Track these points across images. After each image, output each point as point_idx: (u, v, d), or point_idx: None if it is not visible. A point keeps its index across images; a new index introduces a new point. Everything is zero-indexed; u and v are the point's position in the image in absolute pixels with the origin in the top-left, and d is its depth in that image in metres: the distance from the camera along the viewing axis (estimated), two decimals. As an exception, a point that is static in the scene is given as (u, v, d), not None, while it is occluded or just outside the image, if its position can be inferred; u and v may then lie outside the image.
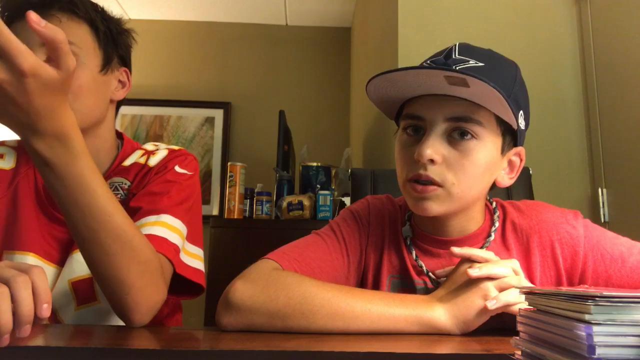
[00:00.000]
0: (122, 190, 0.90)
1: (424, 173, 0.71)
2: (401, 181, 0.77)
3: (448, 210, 0.74)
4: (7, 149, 0.92)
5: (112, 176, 0.91)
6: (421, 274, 0.79)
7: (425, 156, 0.70)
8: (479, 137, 0.72)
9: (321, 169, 2.27)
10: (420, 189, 0.72)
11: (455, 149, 0.72)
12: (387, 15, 2.03)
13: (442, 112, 0.72)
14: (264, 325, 0.66)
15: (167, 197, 0.87)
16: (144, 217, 0.83)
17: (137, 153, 0.96)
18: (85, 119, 0.85)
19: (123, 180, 0.91)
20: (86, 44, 0.86)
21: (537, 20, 1.84)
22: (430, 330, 0.65)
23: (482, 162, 0.73)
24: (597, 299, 0.37)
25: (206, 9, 3.35)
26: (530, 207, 0.82)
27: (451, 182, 0.72)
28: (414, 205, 0.75)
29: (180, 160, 0.94)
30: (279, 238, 0.88)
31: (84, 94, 0.84)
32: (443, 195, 0.72)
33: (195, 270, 0.88)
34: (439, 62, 0.74)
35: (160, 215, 0.84)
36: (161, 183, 0.89)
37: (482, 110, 0.71)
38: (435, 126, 0.72)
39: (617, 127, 1.61)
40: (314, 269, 0.76)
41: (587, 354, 0.36)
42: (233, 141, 3.36)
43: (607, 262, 0.75)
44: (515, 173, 0.80)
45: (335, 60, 3.50)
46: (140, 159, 0.94)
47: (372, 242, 0.84)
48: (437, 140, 0.71)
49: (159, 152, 0.95)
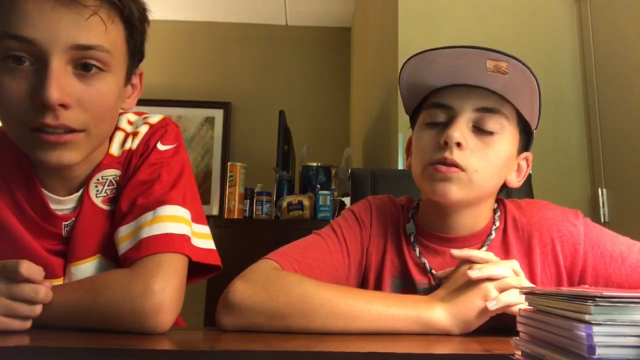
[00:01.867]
0: (116, 183, 0.79)
1: (449, 157, 0.72)
2: (420, 167, 0.77)
3: (466, 197, 0.75)
4: None
5: (103, 169, 0.79)
6: (424, 273, 0.79)
7: (454, 138, 0.71)
8: (502, 131, 0.74)
9: (321, 169, 2.27)
10: (444, 169, 0.73)
11: (480, 140, 0.74)
12: (387, 15, 2.03)
13: (471, 102, 0.74)
14: (263, 325, 0.66)
15: (159, 183, 0.76)
16: (140, 216, 0.74)
17: (118, 136, 0.81)
18: (97, 143, 0.73)
19: (116, 173, 0.79)
20: (119, 50, 0.70)
21: (537, 20, 1.84)
22: (430, 330, 0.65)
23: (503, 154, 0.75)
24: (597, 299, 0.37)
25: (206, 9, 3.35)
26: (531, 205, 0.83)
27: (474, 169, 0.73)
28: (433, 189, 0.75)
29: (161, 134, 0.81)
30: (279, 238, 0.88)
31: (107, 115, 0.71)
32: (465, 180, 0.73)
33: (209, 252, 0.80)
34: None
35: (157, 209, 0.74)
36: (148, 168, 0.78)
37: (508, 105, 0.75)
38: (463, 115, 0.74)
39: (617, 127, 1.61)
40: (314, 269, 0.76)
41: (587, 354, 0.36)
42: (233, 141, 3.36)
43: (607, 261, 0.75)
44: (523, 177, 0.82)
45: (335, 60, 3.50)
46: (125, 145, 0.80)
47: (374, 243, 0.84)
48: (464, 127, 0.73)
49: (139, 131, 0.81)
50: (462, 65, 0.72)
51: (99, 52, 0.65)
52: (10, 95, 0.63)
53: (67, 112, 0.65)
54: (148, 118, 0.84)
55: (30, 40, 0.62)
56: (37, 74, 0.63)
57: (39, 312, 0.64)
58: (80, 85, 0.66)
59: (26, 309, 0.63)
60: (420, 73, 0.76)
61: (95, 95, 0.67)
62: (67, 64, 0.64)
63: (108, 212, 0.78)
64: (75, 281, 0.73)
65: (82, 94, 0.66)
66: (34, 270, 0.63)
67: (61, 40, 0.63)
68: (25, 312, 0.63)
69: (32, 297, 0.63)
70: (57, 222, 0.76)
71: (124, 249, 0.73)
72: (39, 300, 0.64)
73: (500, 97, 0.74)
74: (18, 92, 0.63)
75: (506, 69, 0.69)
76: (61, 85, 0.63)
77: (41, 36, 0.62)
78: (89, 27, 0.64)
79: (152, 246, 0.71)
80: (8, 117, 0.66)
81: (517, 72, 0.69)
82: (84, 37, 0.64)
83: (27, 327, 0.64)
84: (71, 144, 0.67)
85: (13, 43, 0.62)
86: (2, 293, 0.62)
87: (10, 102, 0.64)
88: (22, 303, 0.63)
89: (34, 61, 0.63)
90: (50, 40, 0.62)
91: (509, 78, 0.70)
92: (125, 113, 0.84)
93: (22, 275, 0.62)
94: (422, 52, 0.73)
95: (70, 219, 0.77)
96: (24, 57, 0.63)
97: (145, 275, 0.69)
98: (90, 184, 0.77)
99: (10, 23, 0.62)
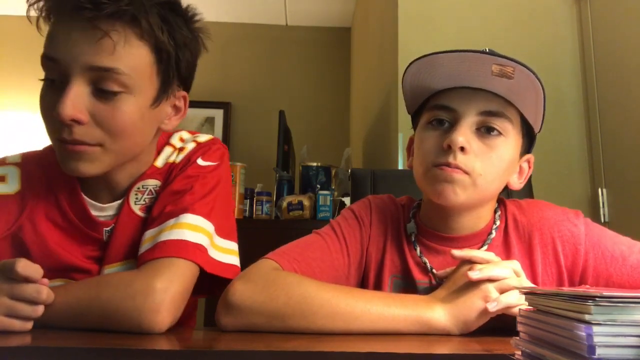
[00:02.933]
0: (155, 193, 0.82)
1: (453, 161, 0.72)
2: (423, 169, 0.76)
3: (468, 199, 0.74)
4: (9, 169, 0.80)
5: (146, 178, 0.82)
6: (425, 272, 0.79)
7: (458, 143, 0.71)
8: (506, 135, 0.74)
9: (321, 169, 2.27)
10: (448, 170, 0.72)
11: (484, 143, 0.74)
12: (387, 15, 2.03)
13: (476, 106, 0.74)
14: (263, 326, 0.66)
15: (190, 194, 0.78)
16: (164, 222, 0.76)
17: (166, 151, 0.85)
18: (122, 158, 0.76)
19: (157, 183, 0.83)
20: (142, 72, 0.71)
21: (537, 20, 1.84)
22: (430, 330, 0.65)
23: (506, 157, 0.75)
24: (597, 299, 0.37)
25: (206, 9, 3.31)
26: (532, 205, 0.83)
27: (478, 172, 0.73)
28: (436, 190, 0.74)
29: (204, 151, 0.85)
30: (279, 238, 0.88)
31: (126, 133, 0.72)
32: (468, 183, 0.73)
33: (227, 266, 0.79)
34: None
35: (180, 216, 0.76)
36: (183, 179, 0.81)
37: (512, 108, 0.74)
38: (467, 118, 0.73)
39: (617, 127, 1.61)
40: (314, 269, 0.76)
41: (587, 354, 0.36)
42: (233, 141, 3.36)
43: (607, 261, 0.75)
44: (524, 179, 0.82)
45: (335, 60, 3.50)
46: (170, 158, 0.85)
47: (374, 242, 0.84)
48: (468, 130, 0.73)
49: (186, 147, 0.85)
50: (466, 69, 0.71)
51: (115, 75, 0.69)
52: (46, 109, 0.70)
53: (81, 127, 0.69)
54: (198, 137, 0.88)
55: (56, 59, 0.68)
56: (60, 91, 0.68)
57: (40, 313, 0.64)
58: (98, 103, 0.69)
59: (28, 309, 0.63)
60: (424, 75, 0.75)
61: (111, 113, 0.70)
62: (88, 84, 0.69)
63: (143, 219, 0.81)
64: (82, 280, 0.73)
65: (99, 112, 0.69)
66: (31, 269, 0.63)
67: (80, 61, 0.67)
68: (27, 312, 0.63)
69: (34, 297, 0.63)
70: (98, 227, 0.80)
71: (142, 251, 0.75)
72: (41, 301, 0.64)
73: (504, 101, 0.74)
74: (49, 107, 0.69)
75: (512, 73, 0.69)
76: (75, 103, 0.67)
77: (64, 57, 0.68)
78: (105, 50, 0.68)
79: (165, 249, 0.72)
80: (47, 130, 0.72)
81: (522, 76, 0.69)
82: (99, 60, 0.68)
83: (28, 328, 0.64)
84: (87, 155, 0.71)
85: (49, 63, 0.69)
86: (4, 292, 0.62)
87: (46, 116, 0.71)
88: (24, 303, 0.63)
89: (62, 80, 0.69)
90: (71, 60, 0.67)
91: (514, 82, 0.70)
92: (179, 131, 0.89)
93: (19, 274, 0.62)
94: (426, 55, 0.73)
95: (110, 225, 0.80)
96: (54, 78, 0.69)
97: (150, 274, 0.69)
98: (131, 192, 0.81)
99: (46, 45, 0.70)
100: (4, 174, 0.80)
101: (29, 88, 3.33)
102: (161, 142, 0.86)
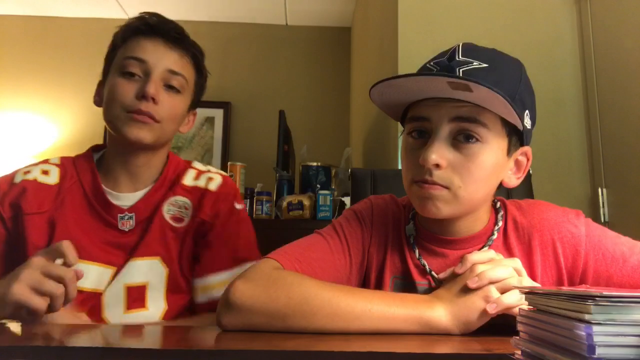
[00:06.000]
0: (184, 209, 1.01)
1: (429, 178, 0.71)
2: (407, 183, 0.77)
3: (454, 212, 0.74)
4: (51, 166, 1.02)
5: (176, 194, 1.01)
6: (424, 274, 0.79)
7: (431, 161, 0.70)
8: (483, 140, 0.71)
9: (321, 169, 2.27)
10: (426, 186, 0.72)
11: (461, 153, 0.72)
12: (387, 15, 2.03)
13: (447, 113, 0.72)
14: (264, 326, 0.66)
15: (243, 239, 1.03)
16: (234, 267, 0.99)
17: (191, 173, 1.06)
18: (163, 137, 1.00)
19: (186, 201, 1.01)
20: (191, 84, 1.03)
21: (537, 20, 1.84)
22: (430, 330, 0.65)
23: (487, 165, 0.72)
24: (597, 298, 0.37)
25: (206, 9, 3.35)
26: (532, 206, 0.82)
27: (457, 185, 0.71)
28: (420, 206, 0.74)
29: (233, 194, 1.06)
30: (279, 238, 0.88)
31: (175, 120, 1.00)
32: (449, 197, 0.72)
33: None
34: (442, 64, 0.73)
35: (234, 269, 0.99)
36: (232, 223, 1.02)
37: (487, 111, 0.71)
38: (440, 129, 0.72)
39: (617, 127, 1.61)
40: (315, 268, 0.76)
41: (587, 354, 0.36)
42: (233, 141, 3.36)
43: (608, 262, 0.74)
44: (523, 172, 0.80)
45: (335, 60, 3.49)
46: (198, 182, 1.04)
47: (375, 242, 0.84)
48: (442, 144, 0.71)
49: (213, 177, 1.05)
50: (425, 85, 0.70)
51: (179, 77, 0.99)
52: (123, 91, 0.95)
53: (155, 105, 0.95)
54: (212, 168, 1.10)
55: (144, 60, 0.96)
56: (144, 82, 0.95)
57: (61, 292, 0.72)
58: (165, 94, 0.98)
59: (52, 286, 0.72)
60: (389, 95, 0.75)
61: (172, 102, 0.98)
62: (161, 80, 0.97)
63: (172, 227, 0.99)
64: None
65: (163, 99, 0.97)
66: (69, 250, 0.75)
67: (160, 64, 0.97)
68: (52, 288, 0.72)
69: (60, 275, 0.72)
70: (112, 210, 0.97)
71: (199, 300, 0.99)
72: (66, 280, 0.73)
73: (477, 106, 0.71)
74: (127, 89, 0.95)
75: (471, 87, 0.66)
76: (156, 88, 0.96)
77: (150, 59, 0.96)
78: (177, 62, 0.99)
79: None
80: (113, 104, 0.95)
81: (481, 89, 0.66)
82: (175, 67, 0.99)
83: (43, 307, 0.71)
84: (150, 127, 0.95)
85: (132, 62, 0.96)
86: (39, 267, 0.72)
87: (122, 95, 0.95)
88: (51, 280, 0.72)
89: (142, 76, 0.96)
90: (155, 63, 0.96)
91: (475, 94, 0.68)
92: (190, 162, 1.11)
93: (60, 248, 0.74)
94: (381, 81, 0.71)
95: (124, 212, 0.97)
96: (136, 73, 0.96)
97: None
98: (166, 202, 1.00)
99: (134, 50, 0.97)
100: (48, 169, 1.01)
101: (28, 88, 3.33)
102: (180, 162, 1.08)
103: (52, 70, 3.33)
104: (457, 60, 0.72)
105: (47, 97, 3.31)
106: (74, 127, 3.24)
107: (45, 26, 3.40)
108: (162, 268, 0.97)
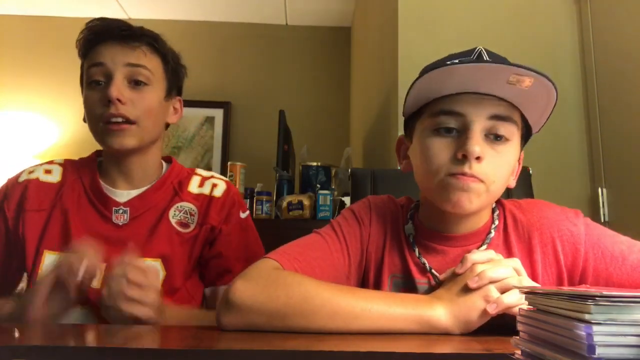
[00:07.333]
0: (190, 215, 1.04)
1: (469, 171, 0.71)
2: (435, 178, 0.74)
3: (481, 206, 0.75)
4: (55, 166, 1.07)
5: (183, 200, 1.04)
6: (424, 272, 0.79)
7: (475, 153, 0.71)
8: (511, 139, 0.74)
9: (321, 169, 2.27)
10: (465, 178, 0.72)
11: (492, 148, 0.74)
12: (387, 15, 2.02)
13: (485, 110, 0.73)
14: (263, 325, 0.66)
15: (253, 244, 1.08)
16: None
17: (195, 180, 1.09)
18: (147, 136, 1.01)
19: (192, 207, 1.04)
20: (158, 72, 1.03)
21: (537, 20, 1.84)
22: (430, 329, 0.65)
23: (511, 162, 0.76)
24: (597, 298, 0.37)
25: (206, 9, 3.35)
26: (532, 205, 0.83)
27: (492, 180, 0.73)
28: (452, 199, 0.73)
29: (239, 203, 1.10)
30: (279, 238, 0.88)
31: (151, 115, 1.01)
32: (482, 190, 0.73)
33: None
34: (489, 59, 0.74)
35: None
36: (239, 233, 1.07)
37: (516, 111, 0.75)
38: (477, 124, 0.73)
39: (617, 127, 1.61)
40: (314, 268, 0.76)
41: (587, 354, 0.36)
42: (233, 141, 3.36)
43: (607, 261, 0.75)
44: (516, 176, 0.82)
45: (335, 60, 3.49)
46: (203, 189, 1.07)
47: (374, 242, 0.84)
48: (480, 138, 0.73)
49: (217, 184, 1.09)
50: (481, 77, 0.70)
51: (141, 69, 0.99)
52: (92, 102, 0.98)
53: (123, 106, 0.96)
54: (215, 174, 1.13)
55: (102, 63, 0.98)
56: (107, 86, 0.97)
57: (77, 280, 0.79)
58: (132, 92, 0.99)
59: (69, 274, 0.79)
60: (435, 82, 0.73)
61: (141, 97, 0.99)
62: (124, 78, 0.98)
63: (178, 232, 1.02)
64: None
65: (133, 97, 0.98)
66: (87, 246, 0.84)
67: (117, 61, 0.98)
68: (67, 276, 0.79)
69: (73, 262, 0.80)
70: (108, 203, 1.01)
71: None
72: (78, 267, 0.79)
73: (510, 104, 0.74)
74: (95, 100, 0.98)
75: (529, 83, 0.68)
76: (119, 89, 0.96)
77: (107, 60, 0.98)
78: (138, 54, 1.00)
79: None
80: (90, 118, 0.99)
81: (539, 86, 0.69)
82: (135, 59, 0.99)
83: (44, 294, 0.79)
84: (128, 131, 0.97)
85: (94, 69, 0.99)
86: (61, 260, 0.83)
87: (93, 106, 0.98)
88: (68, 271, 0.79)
89: (105, 81, 0.98)
90: (113, 61, 0.98)
91: (521, 90, 0.70)
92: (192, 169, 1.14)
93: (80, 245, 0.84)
94: (442, 65, 0.70)
95: (119, 205, 1.01)
96: (100, 80, 0.98)
97: None
98: (172, 207, 1.03)
99: (92, 58, 0.99)
100: (51, 169, 1.06)
101: (29, 88, 3.33)
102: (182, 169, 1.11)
103: (52, 70, 3.33)
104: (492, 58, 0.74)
105: (47, 97, 3.31)
106: (74, 126, 3.24)
107: (45, 26, 3.40)
108: (160, 270, 0.99)
